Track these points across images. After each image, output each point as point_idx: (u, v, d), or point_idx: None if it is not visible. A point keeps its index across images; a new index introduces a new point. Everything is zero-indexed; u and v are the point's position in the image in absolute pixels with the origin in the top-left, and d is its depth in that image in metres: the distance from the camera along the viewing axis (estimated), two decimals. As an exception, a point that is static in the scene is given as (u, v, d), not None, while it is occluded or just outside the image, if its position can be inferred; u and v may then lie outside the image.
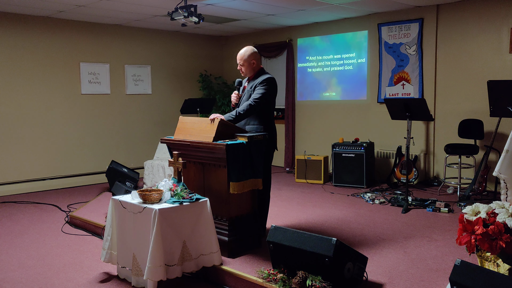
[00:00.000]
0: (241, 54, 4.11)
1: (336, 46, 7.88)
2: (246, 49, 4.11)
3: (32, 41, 7.00)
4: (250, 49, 4.12)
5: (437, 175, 6.79)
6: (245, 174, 3.78)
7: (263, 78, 4.04)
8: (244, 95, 4.17)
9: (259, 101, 3.94)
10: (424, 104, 5.25)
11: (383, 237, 4.37)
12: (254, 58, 4.10)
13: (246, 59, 4.09)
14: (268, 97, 4.02)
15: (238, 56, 4.13)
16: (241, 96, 4.21)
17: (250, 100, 3.97)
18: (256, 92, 3.99)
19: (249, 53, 4.09)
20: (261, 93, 3.96)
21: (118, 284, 3.58)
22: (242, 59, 4.10)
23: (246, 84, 4.25)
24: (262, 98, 3.96)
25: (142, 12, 6.78)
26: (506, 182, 3.07)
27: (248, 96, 4.07)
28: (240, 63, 4.13)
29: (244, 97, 4.15)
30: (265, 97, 3.98)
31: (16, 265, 3.99)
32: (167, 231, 3.31)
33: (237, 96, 4.21)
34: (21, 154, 6.97)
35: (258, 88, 4.00)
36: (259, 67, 4.17)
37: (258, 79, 4.07)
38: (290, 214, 5.29)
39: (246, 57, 4.09)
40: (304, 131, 8.37)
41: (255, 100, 3.94)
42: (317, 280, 3.01)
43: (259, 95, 3.95)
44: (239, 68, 4.17)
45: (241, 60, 4.11)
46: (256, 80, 4.08)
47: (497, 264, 2.82)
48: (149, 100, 8.41)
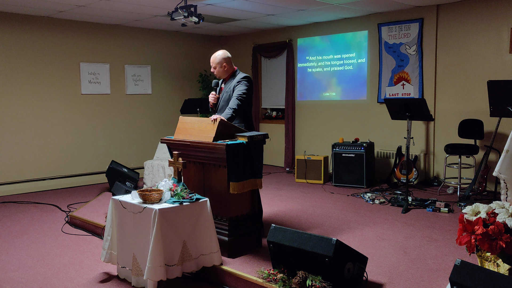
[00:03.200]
0: (214, 57, 4.30)
1: (336, 46, 7.88)
2: (218, 53, 4.30)
3: (32, 41, 7.00)
4: (221, 53, 4.30)
5: (437, 175, 6.79)
6: (245, 174, 3.80)
7: (241, 76, 4.24)
8: (222, 95, 4.32)
9: (245, 96, 4.13)
10: (424, 104, 5.25)
11: (383, 237, 4.37)
12: (225, 62, 4.28)
13: (218, 62, 4.28)
14: (250, 93, 4.20)
15: (211, 59, 4.32)
16: (219, 97, 4.35)
17: (235, 96, 4.10)
18: (239, 89, 4.15)
19: (221, 57, 4.27)
20: (245, 89, 4.14)
21: (118, 284, 3.58)
22: (214, 62, 4.30)
23: (223, 85, 4.41)
24: (247, 94, 4.15)
25: (142, 12, 6.78)
26: (506, 182, 3.07)
27: (227, 97, 4.23)
28: (212, 65, 4.32)
29: (223, 97, 4.31)
30: (248, 93, 4.17)
31: (16, 265, 3.99)
32: (167, 231, 3.31)
33: (214, 97, 4.34)
34: (21, 154, 6.97)
35: (240, 85, 4.17)
36: (232, 69, 4.35)
37: (236, 78, 4.25)
38: (290, 214, 5.29)
39: (217, 61, 4.28)
40: (304, 131, 8.37)
41: (241, 96, 4.10)
42: (317, 280, 3.01)
43: (244, 90, 4.13)
44: (212, 71, 4.36)
45: (213, 63, 4.31)
46: (234, 80, 4.25)
47: (497, 264, 2.82)
48: (149, 100, 8.41)
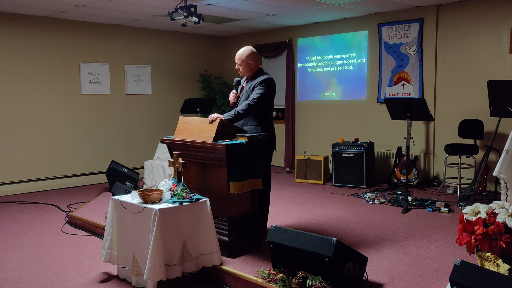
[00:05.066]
0: (239, 54, 4.13)
1: (336, 46, 7.88)
2: (245, 49, 4.13)
3: (32, 41, 7.00)
4: (248, 49, 4.13)
5: (437, 175, 6.79)
6: (245, 174, 3.78)
7: (262, 79, 4.04)
8: (242, 94, 4.18)
9: (258, 101, 3.95)
10: (424, 104, 5.25)
11: (383, 237, 4.37)
12: (252, 59, 4.11)
13: (244, 59, 4.11)
14: (267, 98, 4.03)
15: (237, 56, 4.15)
16: (239, 95, 4.22)
17: (249, 100, 3.97)
18: (255, 92, 4.00)
19: (247, 53, 4.11)
20: (260, 93, 3.97)
21: (118, 284, 3.58)
22: (240, 59, 4.12)
23: (244, 84, 4.26)
24: (261, 99, 3.97)
25: (142, 12, 6.78)
26: (506, 182, 3.07)
27: (247, 96, 4.08)
28: (238, 63, 4.15)
29: (243, 97, 4.16)
30: (264, 98, 3.99)
31: (16, 265, 3.99)
32: (167, 231, 3.31)
33: (235, 96, 4.21)
34: (21, 154, 6.97)
35: (257, 88, 4.00)
36: (257, 67, 4.18)
37: (257, 80, 4.08)
38: (290, 214, 5.29)
39: (244, 57, 4.10)
40: (304, 131, 8.37)
41: (254, 100, 3.94)
42: (317, 280, 3.01)
43: (258, 95, 3.96)
44: (237, 68, 4.19)
45: (239, 60, 4.13)
46: (255, 80, 4.08)
47: (497, 264, 2.82)
48: (149, 100, 8.41)
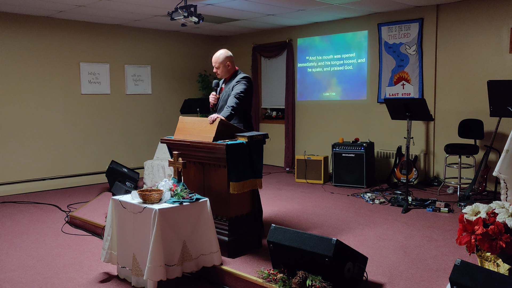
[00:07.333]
0: (216, 57, 4.24)
1: (336, 46, 7.87)
2: (221, 52, 4.25)
3: (32, 41, 7.00)
4: (224, 52, 4.26)
5: (437, 175, 6.79)
6: (245, 174, 3.80)
7: (241, 76, 4.21)
8: (222, 95, 4.29)
9: (243, 94, 4.09)
10: (424, 104, 5.25)
11: (383, 237, 4.37)
12: (229, 60, 4.25)
13: (221, 61, 4.22)
14: (249, 92, 4.16)
15: (213, 58, 4.26)
16: (219, 97, 4.33)
17: (234, 94, 4.07)
18: (237, 88, 4.12)
19: (224, 55, 4.23)
20: (243, 88, 4.11)
21: (118, 284, 3.58)
22: (217, 61, 4.23)
23: (223, 85, 4.38)
24: (245, 92, 4.10)
25: (142, 12, 6.78)
26: (506, 182, 3.07)
27: (227, 97, 4.19)
28: (215, 65, 4.26)
29: (222, 98, 4.27)
30: (247, 91, 4.12)
31: (16, 265, 3.99)
32: (167, 231, 3.31)
33: (215, 97, 4.31)
34: (21, 154, 6.97)
35: (239, 84, 4.14)
36: (234, 68, 4.32)
37: (236, 78, 4.21)
38: (290, 214, 5.29)
39: (221, 60, 4.22)
40: (304, 131, 8.37)
41: (239, 94, 4.07)
42: (317, 280, 3.01)
43: (242, 89, 4.10)
44: (215, 71, 4.31)
45: (216, 63, 4.24)
46: (234, 80, 4.21)
47: (497, 264, 2.82)
48: (149, 100, 8.41)
